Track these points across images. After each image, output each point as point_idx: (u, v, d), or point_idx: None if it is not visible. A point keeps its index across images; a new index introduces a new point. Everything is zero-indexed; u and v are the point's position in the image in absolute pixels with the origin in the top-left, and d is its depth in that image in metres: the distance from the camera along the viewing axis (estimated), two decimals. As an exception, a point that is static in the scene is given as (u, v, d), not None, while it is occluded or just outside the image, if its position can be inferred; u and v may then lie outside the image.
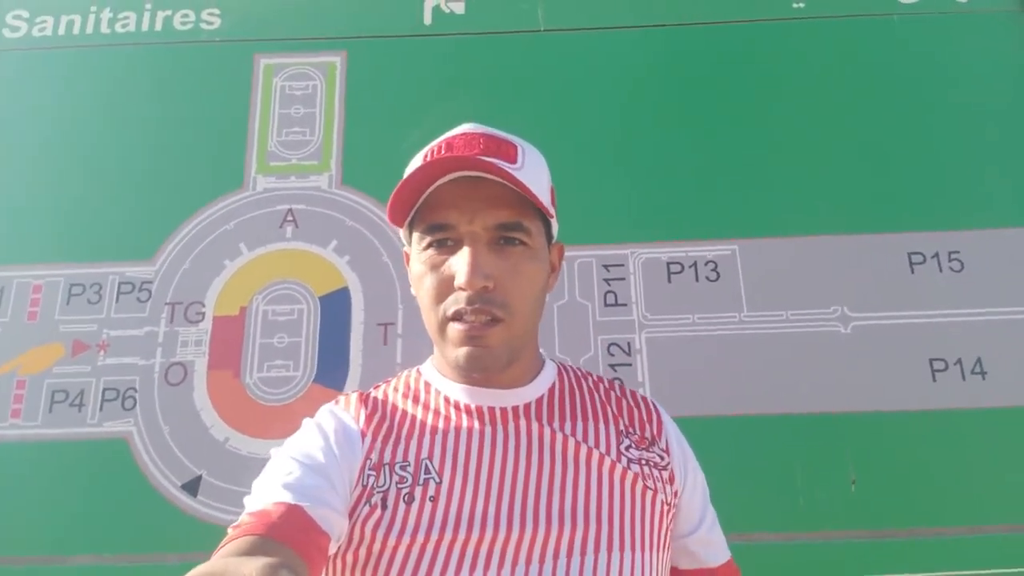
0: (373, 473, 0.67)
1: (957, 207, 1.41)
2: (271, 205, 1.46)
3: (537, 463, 0.70)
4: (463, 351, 0.68)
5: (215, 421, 1.31)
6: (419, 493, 0.66)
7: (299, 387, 1.34)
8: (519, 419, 0.72)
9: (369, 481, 0.67)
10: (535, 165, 0.73)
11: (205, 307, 1.38)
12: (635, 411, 0.79)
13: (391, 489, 0.66)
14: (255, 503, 0.62)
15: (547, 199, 0.73)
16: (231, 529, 0.60)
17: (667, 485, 0.74)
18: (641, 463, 0.73)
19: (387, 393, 0.76)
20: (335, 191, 1.46)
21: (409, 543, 0.64)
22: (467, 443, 0.70)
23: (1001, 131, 1.46)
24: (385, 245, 1.42)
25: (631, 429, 0.77)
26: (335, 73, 1.54)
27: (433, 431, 0.71)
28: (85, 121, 1.51)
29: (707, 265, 1.39)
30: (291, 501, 0.61)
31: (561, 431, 0.72)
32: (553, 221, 0.76)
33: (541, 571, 0.64)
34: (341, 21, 1.58)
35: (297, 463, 0.65)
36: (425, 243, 0.70)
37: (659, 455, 0.76)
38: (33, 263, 1.41)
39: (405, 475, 0.67)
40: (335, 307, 1.39)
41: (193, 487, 1.27)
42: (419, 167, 0.67)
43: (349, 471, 0.67)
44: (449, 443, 0.70)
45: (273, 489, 0.63)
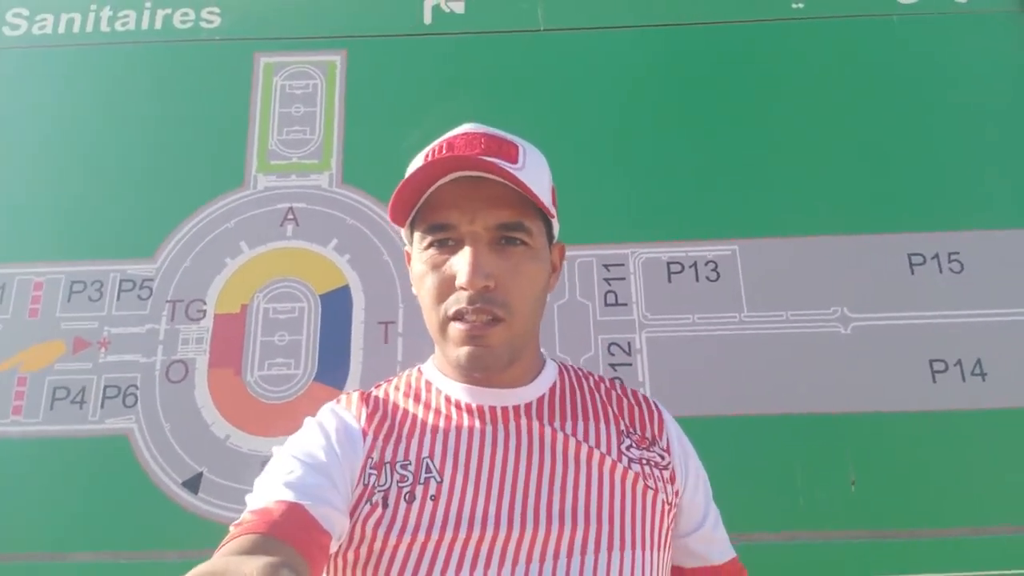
0: (374, 472, 0.68)
1: (957, 208, 1.41)
2: (272, 203, 1.46)
3: (538, 462, 0.70)
4: (464, 350, 0.68)
5: (216, 419, 1.32)
6: (420, 492, 0.66)
7: (300, 385, 1.34)
8: (520, 418, 0.72)
9: (370, 480, 0.67)
10: (536, 165, 0.73)
11: (206, 305, 1.38)
12: (636, 410, 0.79)
13: (392, 488, 0.66)
14: (257, 501, 0.62)
15: (548, 199, 0.73)
16: (233, 527, 0.60)
17: (668, 484, 0.74)
18: (642, 463, 0.73)
19: (388, 392, 0.77)
20: (335, 190, 1.46)
21: (410, 542, 0.64)
22: (468, 442, 0.70)
23: (1001, 132, 1.46)
24: (385, 244, 1.43)
25: (632, 429, 0.77)
26: (335, 72, 1.54)
27: (434, 430, 0.71)
28: (85, 119, 1.51)
29: (707, 265, 1.39)
30: (293, 500, 0.61)
31: (562, 430, 0.72)
32: (554, 221, 0.76)
33: (541, 570, 0.64)
34: (341, 20, 1.58)
35: (299, 462, 0.66)
36: (426, 243, 0.70)
37: (660, 454, 0.76)
38: (34, 261, 1.41)
39: (406, 474, 0.68)
40: (336, 305, 1.39)
41: (194, 484, 1.28)
42: (420, 167, 0.67)
43: (350, 470, 0.67)
44: (450, 442, 0.70)
45: (275, 488, 0.63)
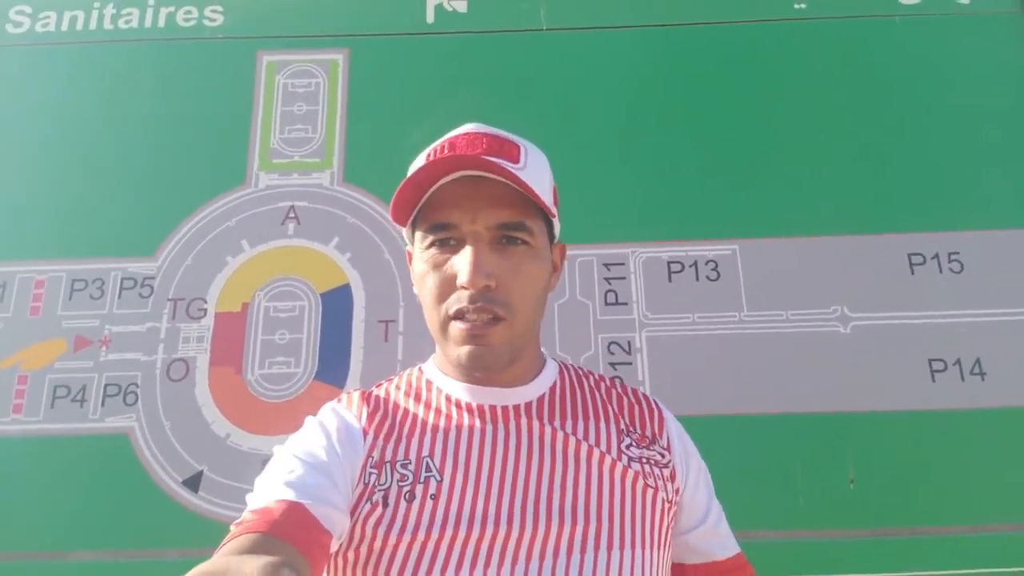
0: (375, 471, 0.68)
1: (957, 208, 1.41)
2: (273, 202, 1.46)
3: (538, 461, 0.70)
4: (465, 350, 0.68)
5: (216, 417, 1.32)
6: (420, 491, 0.66)
7: (300, 384, 1.34)
8: (520, 417, 0.72)
9: (371, 479, 0.67)
10: (537, 165, 0.73)
11: (207, 303, 1.39)
12: (636, 409, 0.80)
13: (392, 487, 0.67)
14: (257, 501, 0.63)
15: (549, 199, 0.74)
16: (233, 527, 0.60)
17: (668, 483, 0.74)
18: (642, 461, 0.73)
19: (389, 391, 0.77)
20: (337, 188, 1.46)
21: (410, 541, 0.64)
22: (468, 441, 0.70)
23: (1002, 132, 1.46)
24: (386, 242, 1.43)
25: (632, 428, 0.77)
26: (337, 70, 1.54)
27: (434, 429, 0.71)
28: (88, 117, 1.51)
29: (707, 264, 1.39)
30: (293, 499, 0.61)
31: (562, 429, 0.72)
32: (555, 221, 0.76)
33: (541, 569, 0.64)
34: (344, 19, 1.58)
35: (299, 461, 0.66)
36: (427, 242, 0.71)
37: (660, 453, 0.76)
38: (35, 259, 1.41)
39: (406, 473, 0.68)
40: (336, 304, 1.39)
41: (194, 483, 1.28)
42: (422, 166, 0.67)
43: (351, 469, 0.67)
44: (450, 441, 0.70)
45: (275, 487, 0.63)
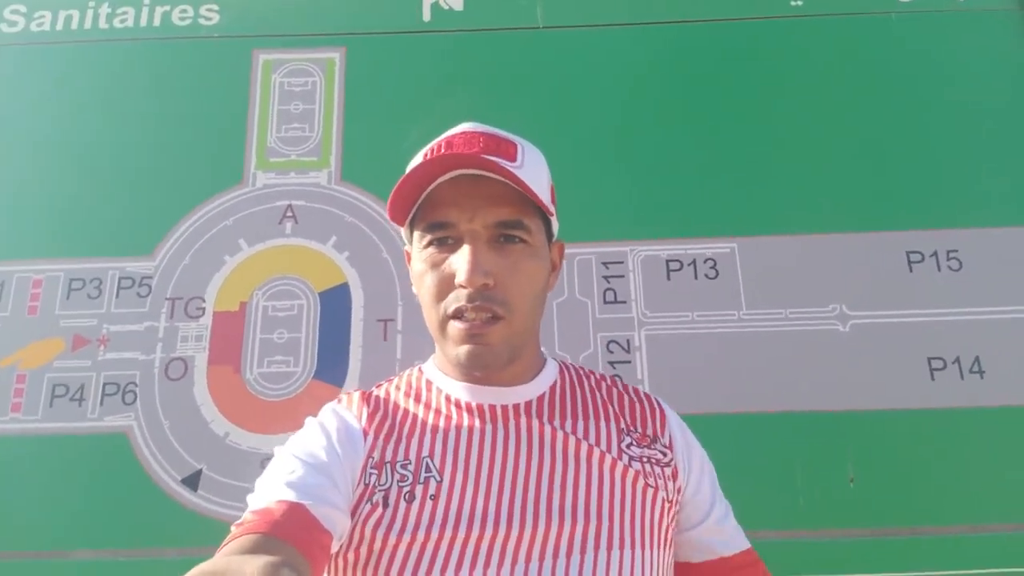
0: (375, 472, 0.68)
1: (956, 206, 1.41)
2: (270, 201, 1.45)
3: (538, 461, 0.70)
4: (464, 349, 0.68)
5: (215, 416, 1.32)
6: (420, 492, 0.66)
7: (299, 383, 1.34)
8: (520, 417, 0.72)
9: (371, 480, 0.67)
10: (535, 163, 0.73)
11: (205, 302, 1.38)
12: (637, 408, 0.79)
13: (392, 488, 0.67)
14: (258, 501, 0.63)
15: (547, 197, 0.74)
16: (234, 527, 0.60)
17: (669, 481, 0.74)
18: (642, 460, 0.73)
19: (389, 392, 0.77)
20: (334, 187, 1.46)
21: (409, 541, 0.64)
22: (468, 441, 0.70)
23: (1000, 130, 1.46)
24: (385, 241, 1.42)
25: (633, 427, 0.77)
26: (334, 69, 1.54)
27: (434, 429, 0.71)
28: (84, 117, 1.51)
29: (706, 263, 1.39)
30: (294, 499, 0.61)
31: (562, 429, 0.72)
32: (553, 219, 0.76)
33: (541, 569, 0.64)
34: (340, 17, 1.57)
35: (300, 462, 0.66)
36: (425, 241, 0.70)
37: (662, 451, 0.76)
38: (33, 258, 1.41)
39: (406, 473, 0.68)
40: (335, 303, 1.39)
41: (193, 482, 1.28)
42: (419, 165, 0.67)
43: (351, 470, 0.67)
44: (450, 441, 0.70)
45: (276, 488, 0.63)
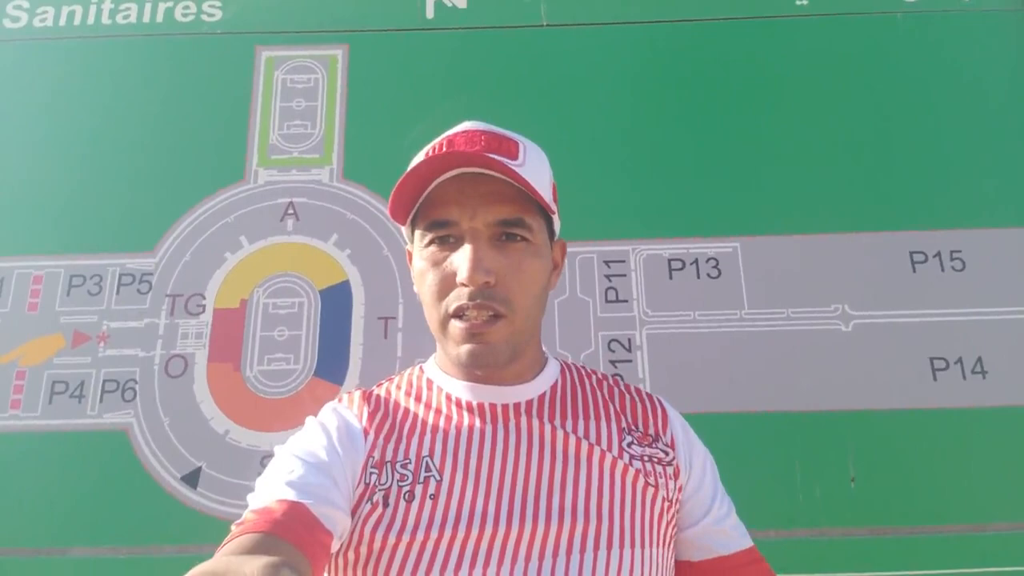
0: (375, 471, 0.68)
1: (959, 206, 1.40)
2: (272, 198, 1.45)
3: (538, 460, 0.70)
4: (465, 348, 0.68)
5: (215, 413, 1.31)
6: (419, 491, 0.66)
7: (299, 380, 1.33)
8: (521, 416, 0.72)
9: (371, 479, 0.67)
10: (537, 162, 0.73)
11: (205, 299, 1.38)
12: (639, 407, 0.79)
13: (392, 487, 0.66)
14: (259, 500, 0.62)
15: (549, 196, 0.73)
16: (234, 526, 0.60)
17: (671, 481, 0.74)
18: (644, 460, 0.73)
19: (390, 391, 0.76)
20: (336, 184, 1.46)
21: (409, 541, 0.64)
22: (468, 440, 0.70)
23: (1004, 130, 1.45)
24: (386, 239, 1.42)
25: (634, 426, 0.76)
26: (337, 66, 1.54)
27: (435, 429, 0.71)
28: (86, 113, 1.50)
29: (708, 262, 1.39)
30: (294, 499, 0.61)
31: (563, 428, 0.72)
32: (555, 218, 0.76)
33: (541, 568, 0.64)
34: (343, 14, 1.57)
35: (300, 461, 0.66)
36: (427, 240, 0.70)
37: (663, 450, 0.76)
38: (33, 254, 1.41)
39: (406, 473, 0.67)
40: (336, 301, 1.38)
41: (193, 479, 1.27)
42: (420, 163, 0.67)
43: (352, 469, 0.67)
44: (450, 440, 0.70)
45: (276, 487, 0.63)
